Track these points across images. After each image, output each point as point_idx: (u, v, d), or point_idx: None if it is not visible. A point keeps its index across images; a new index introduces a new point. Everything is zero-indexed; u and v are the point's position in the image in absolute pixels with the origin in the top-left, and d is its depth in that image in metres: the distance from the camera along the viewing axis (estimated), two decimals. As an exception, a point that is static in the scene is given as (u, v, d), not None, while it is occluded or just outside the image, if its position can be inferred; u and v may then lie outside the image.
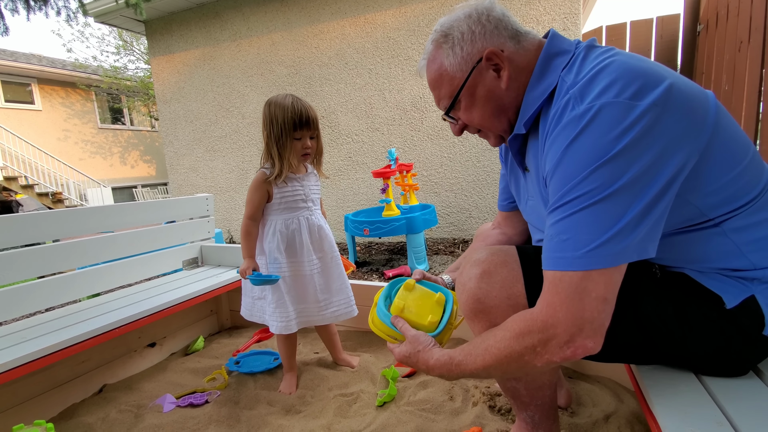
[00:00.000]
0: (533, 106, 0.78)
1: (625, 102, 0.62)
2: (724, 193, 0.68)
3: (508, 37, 0.80)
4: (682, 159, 0.62)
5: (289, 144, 1.32)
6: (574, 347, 0.63)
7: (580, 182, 0.63)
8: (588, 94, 0.65)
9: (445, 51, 0.82)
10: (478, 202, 3.74)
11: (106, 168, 11.76)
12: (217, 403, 1.37)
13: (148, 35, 4.96)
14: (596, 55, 0.72)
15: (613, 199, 0.61)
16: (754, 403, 0.68)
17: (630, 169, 0.60)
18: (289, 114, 1.29)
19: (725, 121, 0.69)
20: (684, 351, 0.75)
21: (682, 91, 0.64)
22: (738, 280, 0.72)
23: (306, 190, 1.42)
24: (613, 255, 0.61)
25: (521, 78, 0.80)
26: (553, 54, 0.78)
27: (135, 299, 1.56)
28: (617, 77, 0.64)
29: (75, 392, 1.47)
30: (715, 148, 0.66)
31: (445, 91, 0.85)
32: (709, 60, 3.00)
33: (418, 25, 3.70)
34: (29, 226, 1.42)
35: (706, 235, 0.71)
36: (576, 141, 0.64)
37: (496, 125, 0.85)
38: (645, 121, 0.60)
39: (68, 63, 11.32)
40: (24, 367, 1.11)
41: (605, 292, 0.62)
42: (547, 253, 0.67)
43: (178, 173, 5.11)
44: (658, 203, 0.62)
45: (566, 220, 0.64)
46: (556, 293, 0.64)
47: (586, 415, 1.16)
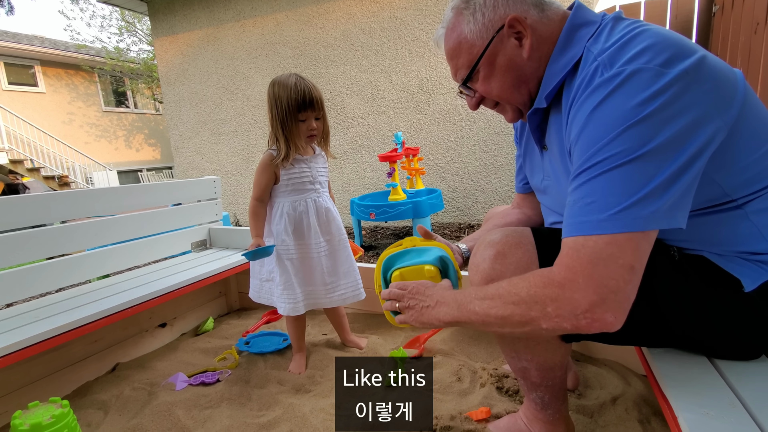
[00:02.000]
0: (556, 78, 0.75)
1: (656, 68, 0.60)
2: (749, 172, 0.67)
3: (532, 4, 0.77)
4: (711, 130, 0.60)
5: (294, 126, 1.30)
6: (591, 318, 0.58)
7: (607, 144, 0.60)
8: (618, 60, 0.63)
9: (466, 17, 0.79)
10: (484, 187, 3.71)
11: (111, 151, 11.78)
12: (228, 381, 1.39)
13: (151, 15, 4.88)
14: (625, 25, 0.70)
15: (642, 161, 0.58)
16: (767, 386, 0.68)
17: (659, 134, 0.58)
18: (293, 95, 1.27)
19: (752, 100, 0.67)
20: (698, 334, 0.74)
21: (713, 65, 0.63)
22: (757, 263, 0.71)
23: (313, 172, 1.41)
24: (642, 218, 0.57)
25: (543, 48, 0.77)
26: (579, 24, 0.75)
27: (146, 280, 1.58)
28: (650, 45, 0.62)
29: (88, 370, 1.50)
30: (743, 125, 0.64)
31: (463, 60, 0.82)
32: (724, 42, 2.92)
33: (426, 5, 3.61)
34: (37, 208, 1.42)
35: (728, 217, 0.69)
36: (603, 103, 0.62)
37: (515, 97, 0.82)
38: (675, 89, 0.59)
39: (71, 45, 11.22)
40: (38, 345, 1.13)
41: (632, 259, 0.58)
42: (569, 219, 0.63)
43: (183, 157, 5.10)
44: (688, 170, 0.59)
45: (591, 182, 0.61)
46: (577, 258, 0.59)
47: (593, 397, 1.17)
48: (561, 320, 0.61)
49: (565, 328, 0.61)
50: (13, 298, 1.36)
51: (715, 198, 0.68)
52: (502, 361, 1.36)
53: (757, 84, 2.44)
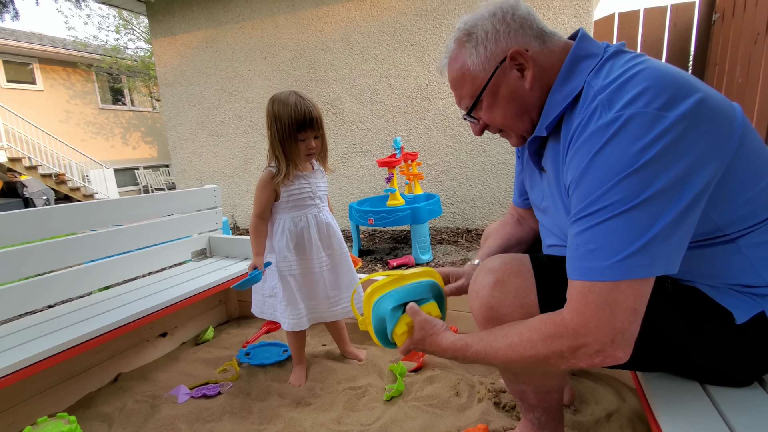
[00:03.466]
0: (557, 109, 0.76)
1: (654, 112, 0.60)
2: (744, 209, 0.68)
3: (533, 36, 0.78)
4: (710, 173, 0.61)
5: (294, 144, 1.31)
6: (604, 356, 0.64)
7: (607, 192, 0.62)
8: (616, 102, 0.64)
9: (468, 50, 0.81)
10: (482, 192, 3.73)
11: (107, 149, 11.73)
12: (229, 394, 1.41)
13: (150, 16, 4.86)
14: (626, 60, 0.70)
15: (642, 209, 0.60)
16: (758, 414, 0.70)
17: (657, 180, 0.59)
18: (293, 114, 1.27)
19: (750, 137, 0.68)
20: (691, 362, 0.76)
21: (712, 105, 0.63)
22: (750, 296, 0.72)
23: (313, 188, 1.43)
24: (642, 267, 0.60)
25: (545, 78, 0.78)
26: (581, 57, 0.76)
27: (147, 292, 1.59)
28: (648, 86, 0.62)
29: (92, 381, 1.51)
30: (740, 162, 0.65)
31: (467, 91, 0.84)
32: (723, 51, 2.93)
33: (426, 9, 3.61)
34: (40, 221, 1.43)
35: (721, 250, 0.71)
36: (603, 150, 0.63)
37: (518, 125, 0.84)
38: (673, 133, 0.59)
39: (69, 42, 11.14)
40: (47, 361, 1.15)
41: (635, 303, 0.62)
42: (573, 262, 0.66)
43: (181, 158, 5.10)
44: (687, 217, 0.61)
45: (593, 230, 0.63)
46: (586, 303, 0.63)
47: (588, 413, 1.19)
48: (577, 361, 0.65)
49: (581, 366, 0.66)
50: (17, 312, 1.37)
51: (709, 232, 0.69)
52: (499, 375, 1.39)
53: (756, 95, 2.47)
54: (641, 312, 0.63)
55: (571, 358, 0.65)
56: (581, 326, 0.64)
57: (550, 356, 0.67)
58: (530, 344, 0.69)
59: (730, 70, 2.87)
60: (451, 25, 3.57)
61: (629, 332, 0.63)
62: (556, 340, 0.66)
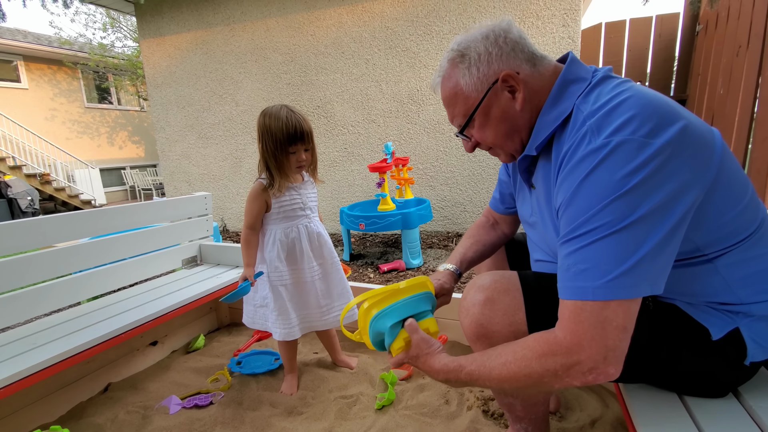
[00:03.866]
0: (547, 131, 0.79)
1: (640, 139, 0.63)
2: (723, 231, 0.71)
3: (524, 59, 0.81)
4: (692, 197, 0.65)
5: (285, 158, 1.33)
6: (597, 373, 0.66)
7: (596, 214, 0.64)
8: (605, 129, 0.66)
9: (461, 70, 0.83)
10: (472, 197, 3.78)
11: (93, 148, 11.51)
12: (221, 404, 1.41)
13: (138, 16, 4.80)
14: (613, 86, 0.73)
15: (629, 231, 0.62)
16: (731, 424, 0.74)
17: (644, 204, 0.62)
18: (284, 128, 1.29)
19: (729, 162, 0.71)
20: (670, 375, 0.80)
21: (694, 132, 0.66)
22: (725, 313, 0.76)
23: (303, 199, 1.44)
24: (630, 287, 0.63)
25: (535, 100, 0.81)
26: (570, 80, 0.79)
27: (139, 302, 1.59)
28: (635, 114, 0.65)
29: (82, 391, 1.50)
30: (719, 187, 0.68)
31: (459, 110, 0.86)
32: (706, 62, 3.02)
33: (417, 16, 3.64)
34: (29, 232, 1.42)
35: (699, 270, 0.74)
36: (592, 174, 0.66)
37: (508, 145, 0.87)
38: (658, 160, 0.62)
39: (54, 39, 10.90)
40: (39, 374, 1.14)
41: (624, 321, 0.64)
42: (564, 282, 0.68)
43: (170, 160, 5.05)
44: (671, 239, 0.64)
45: (583, 250, 0.66)
46: (578, 322, 0.66)
47: (573, 420, 1.23)
48: (571, 380, 0.67)
49: (575, 384, 0.68)
50: (5, 324, 1.36)
51: (688, 252, 0.73)
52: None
53: (736, 106, 2.55)
54: (630, 330, 0.66)
55: (565, 376, 0.67)
56: (574, 344, 0.66)
57: (544, 374, 0.68)
58: (524, 362, 0.70)
59: (713, 80, 2.96)
60: (441, 32, 3.60)
61: (620, 349, 0.65)
62: (550, 358, 0.68)
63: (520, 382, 0.71)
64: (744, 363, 0.76)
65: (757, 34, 2.32)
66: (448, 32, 3.58)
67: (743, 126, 2.49)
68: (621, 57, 3.53)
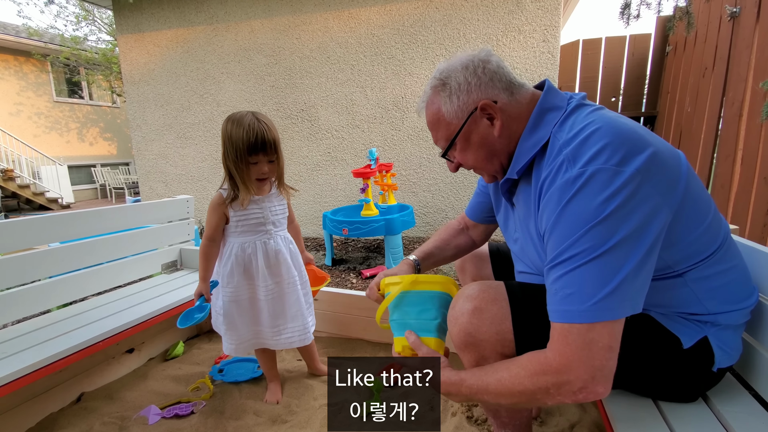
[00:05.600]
0: (526, 157, 0.84)
1: (613, 168, 0.68)
2: (690, 248, 0.77)
3: (502, 88, 0.86)
4: (663, 219, 0.70)
5: (245, 168, 1.25)
6: (586, 392, 0.69)
7: (577, 240, 0.69)
8: (580, 158, 0.71)
9: (443, 98, 0.88)
10: (454, 203, 3.84)
11: (62, 145, 11.02)
12: (203, 413, 1.38)
13: (116, 11, 4.66)
14: (586, 114, 0.79)
15: (609, 256, 0.67)
16: (702, 427, 0.79)
17: (620, 230, 0.67)
18: (245, 136, 1.20)
19: (693, 182, 0.77)
20: (645, 381, 0.86)
21: (662, 158, 0.71)
22: (695, 322, 0.82)
23: (266, 213, 1.36)
24: (614, 308, 0.67)
25: (513, 127, 0.86)
26: (547, 109, 0.84)
27: (115, 308, 1.54)
28: (607, 143, 0.70)
29: (53, 402, 1.44)
30: (685, 207, 0.74)
31: (442, 134, 0.91)
32: (675, 81, 3.20)
33: (403, 25, 3.69)
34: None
35: (670, 284, 0.80)
36: (570, 203, 0.70)
37: (488, 167, 0.92)
38: (630, 187, 0.67)
39: (22, 30, 10.40)
40: (9, 386, 1.09)
41: (610, 341, 0.68)
42: (553, 306, 0.73)
43: (146, 159, 4.90)
44: (647, 260, 0.69)
45: (568, 276, 0.70)
46: (567, 344, 0.69)
47: (553, 424, 1.27)
48: (563, 397, 0.70)
49: (566, 402, 0.71)
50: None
51: (660, 269, 0.78)
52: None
53: (702, 124, 2.71)
54: (616, 349, 0.70)
55: (556, 394, 0.70)
56: (563, 365, 0.69)
57: (537, 392, 0.71)
58: (517, 379, 0.73)
59: (681, 99, 3.13)
60: (427, 42, 3.66)
61: (607, 368, 0.69)
62: (542, 376, 0.71)
63: (515, 398, 0.74)
64: (712, 369, 0.82)
65: (722, 57, 2.48)
66: (433, 42, 3.65)
67: (708, 143, 2.64)
68: (597, 73, 3.70)
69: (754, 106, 2.15)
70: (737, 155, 2.27)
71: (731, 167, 2.33)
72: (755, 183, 2.07)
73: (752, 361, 0.91)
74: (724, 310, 0.81)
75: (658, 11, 2.42)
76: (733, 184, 2.29)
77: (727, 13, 2.43)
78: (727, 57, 2.43)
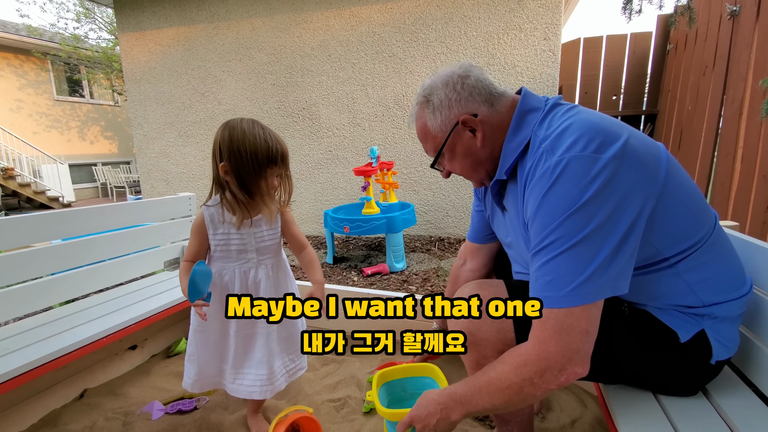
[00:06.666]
0: (511, 157, 0.87)
1: (590, 155, 0.71)
2: (676, 234, 0.78)
3: (482, 102, 0.89)
4: (639, 204, 0.72)
5: (261, 181, 1.11)
6: (567, 374, 0.72)
7: (556, 228, 0.71)
8: (558, 148, 0.74)
9: (428, 114, 0.93)
10: (455, 202, 3.85)
11: (63, 143, 11.04)
12: (206, 409, 1.39)
13: (117, 9, 4.66)
14: (563, 112, 0.83)
15: (585, 242, 0.69)
16: (702, 421, 0.80)
17: (596, 216, 0.69)
18: (263, 145, 1.08)
19: (675, 171, 0.79)
20: (644, 376, 0.87)
21: (636, 145, 0.74)
22: (691, 316, 0.83)
23: (246, 239, 1.18)
24: (591, 293, 0.70)
25: (496, 135, 0.90)
26: (526, 111, 0.88)
27: (119, 305, 1.55)
28: (582, 133, 0.73)
29: (55, 398, 1.45)
30: (669, 193, 0.76)
31: (429, 146, 0.97)
32: (675, 79, 3.20)
33: (404, 23, 3.69)
34: (1, 233, 1.35)
35: (664, 275, 0.81)
36: (550, 191, 0.73)
37: (474, 175, 0.97)
38: (607, 172, 0.69)
39: (22, 27, 10.41)
40: (12, 381, 1.10)
41: (587, 325, 0.71)
42: (533, 292, 0.76)
43: (147, 157, 4.91)
44: (625, 244, 0.71)
45: (548, 263, 0.73)
46: (545, 329, 0.72)
47: (554, 420, 1.28)
48: (548, 384, 0.72)
49: (553, 389, 0.73)
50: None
51: (651, 257, 0.80)
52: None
53: (703, 122, 2.71)
54: (593, 333, 0.72)
55: (540, 382, 0.72)
56: (542, 351, 0.72)
57: (523, 384, 0.73)
58: (504, 375, 0.75)
59: (681, 97, 3.13)
60: (428, 40, 3.66)
61: (583, 351, 0.72)
62: (523, 368, 0.73)
63: (505, 395, 0.75)
64: (710, 362, 0.83)
65: (722, 56, 2.48)
66: (434, 40, 3.65)
67: (709, 141, 2.64)
68: (598, 71, 3.70)
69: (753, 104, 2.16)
70: (737, 153, 2.28)
71: (731, 165, 2.33)
72: (755, 180, 2.08)
73: (751, 356, 0.92)
74: (718, 301, 0.82)
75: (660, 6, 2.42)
76: (733, 182, 2.29)
77: (727, 12, 2.44)
78: (727, 55, 2.43)
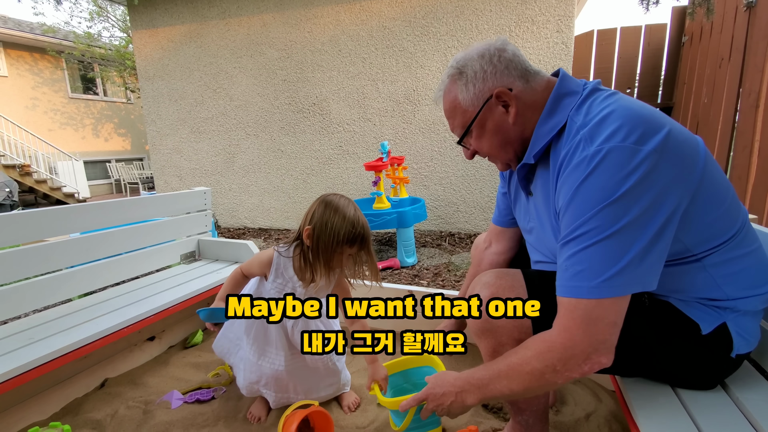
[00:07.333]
0: (543, 140, 0.85)
1: (631, 146, 0.68)
2: (708, 231, 0.77)
3: (518, 76, 0.86)
4: (676, 200, 0.70)
5: (335, 255, 1.14)
6: (591, 363, 0.72)
7: (591, 218, 0.70)
8: (597, 137, 0.72)
9: (460, 86, 0.89)
10: (465, 197, 3.83)
11: (77, 140, 11.23)
12: (223, 398, 1.42)
13: (130, 7, 4.71)
14: (602, 98, 0.79)
15: (620, 235, 0.68)
16: (721, 415, 0.79)
17: (632, 209, 0.68)
18: (347, 227, 1.11)
19: (712, 167, 0.77)
20: (663, 368, 0.86)
21: (678, 138, 0.72)
22: (714, 308, 0.82)
23: (300, 292, 1.22)
24: (622, 285, 0.69)
25: (528, 114, 0.87)
26: (563, 94, 0.85)
27: (138, 296, 1.58)
28: (623, 123, 0.71)
29: (77, 387, 1.49)
30: (703, 190, 0.74)
31: (458, 122, 0.93)
32: (691, 72, 3.13)
33: (414, 17, 3.67)
34: (23, 225, 1.38)
35: (689, 268, 0.80)
36: (587, 180, 0.71)
37: (502, 155, 0.93)
38: (646, 165, 0.67)
39: (36, 26, 10.59)
40: (37, 370, 1.13)
41: (615, 317, 0.71)
42: (562, 281, 0.74)
43: (161, 154, 4.98)
44: (659, 240, 0.69)
45: (580, 253, 0.71)
46: (572, 318, 0.72)
47: (569, 414, 1.28)
48: (571, 372, 0.72)
49: (575, 377, 0.73)
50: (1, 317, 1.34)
51: (678, 253, 0.78)
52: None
53: (719, 115, 2.65)
54: (620, 324, 0.72)
55: (563, 370, 0.72)
56: (568, 340, 0.72)
57: (545, 371, 0.73)
58: (525, 361, 0.75)
59: (697, 89, 3.07)
60: (438, 33, 3.64)
61: (609, 342, 0.72)
62: (547, 354, 0.73)
63: (525, 381, 0.75)
64: (731, 355, 0.82)
65: (738, 48, 2.42)
66: (444, 33, 3.62)
67: (725, 134, 2.59)
68: (612, 63, 3.64)
69: (774, 96, 2.10)
70: (754, 146, 2.23)
71: (748, 158, 2.28)
72: (774, 174, 2.03)
73: (772, 350, 0.91)
74: (742, 296, 0.80)
75: (677, -3, 2.36)
76: (750, 175, 2.25)
77: (744, 3, 2.37)
78: (743, 47, 2.37)
